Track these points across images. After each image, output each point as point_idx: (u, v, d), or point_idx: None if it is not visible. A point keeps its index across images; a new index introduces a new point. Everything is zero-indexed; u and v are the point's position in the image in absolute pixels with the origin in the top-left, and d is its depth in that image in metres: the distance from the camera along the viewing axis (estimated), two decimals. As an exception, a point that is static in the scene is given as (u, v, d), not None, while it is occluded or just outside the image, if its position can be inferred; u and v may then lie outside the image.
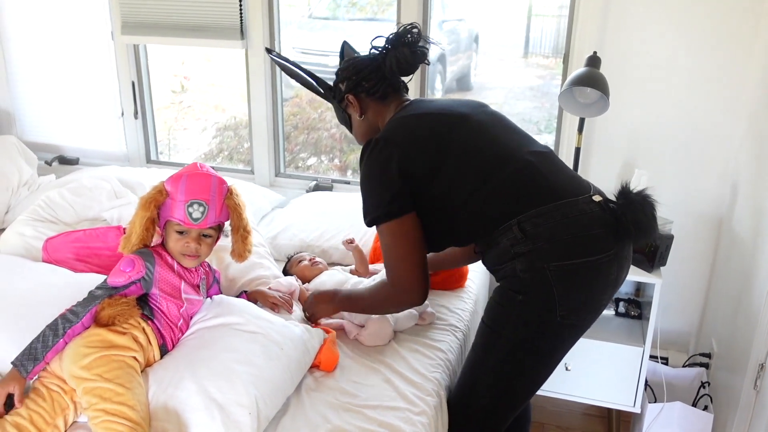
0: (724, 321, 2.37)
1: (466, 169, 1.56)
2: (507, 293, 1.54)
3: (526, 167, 1.55)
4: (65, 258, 2.20)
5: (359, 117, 1.74)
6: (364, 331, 1.92)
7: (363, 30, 4.12)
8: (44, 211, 2.45)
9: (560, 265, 1.47)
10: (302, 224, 2.56)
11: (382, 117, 1.72)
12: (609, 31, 2.46)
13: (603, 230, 1.49)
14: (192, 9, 2.92)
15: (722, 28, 2.35)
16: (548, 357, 1.60)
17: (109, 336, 1.55)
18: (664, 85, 2.47)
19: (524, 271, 1.49)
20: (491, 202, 1.54)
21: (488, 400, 1.64)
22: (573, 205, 1.50)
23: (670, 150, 2.53)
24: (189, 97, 3.86)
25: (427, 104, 1.69)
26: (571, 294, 1.49)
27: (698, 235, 2.59)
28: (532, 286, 1.49)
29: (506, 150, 1.58)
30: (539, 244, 1.47)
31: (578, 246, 1.48)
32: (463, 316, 2.13)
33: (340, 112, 1.80)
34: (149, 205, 1.67)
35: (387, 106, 1.72)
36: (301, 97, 3.55)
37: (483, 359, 1.62)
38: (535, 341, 1.55)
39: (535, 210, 1.49)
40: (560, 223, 1.48)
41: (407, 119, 1.64)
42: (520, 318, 1.53)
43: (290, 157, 3.38)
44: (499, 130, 1.63)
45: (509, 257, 1.51)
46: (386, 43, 1.69)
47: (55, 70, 3.31)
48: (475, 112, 1.66)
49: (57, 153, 3.45)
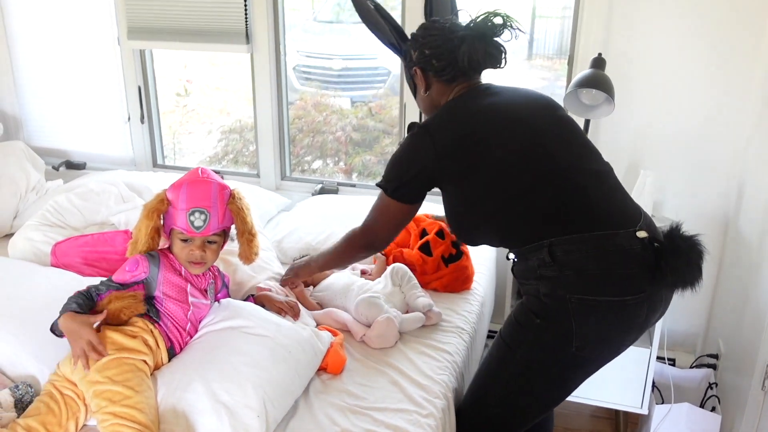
0: (731, 322, 2.37)
1: (501, 180, 1.49)
2: (527, 313, 1.52)
3: (571, 188, 1.46)
4: (73, 262, 2.21)
5: (423, 92, 1.70)
6: (370, 333, 1.92)
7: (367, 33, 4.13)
8: (52, 215, 2.47)
9: (582, 299, 1.41)
10: (308, 227, 2.56)
11: (444, 98, 1.66)
12: (614, 33, 2.46)
13: (639, 270, 1.41)
14: (197, 14, 2.94)
15: (727, 29, 2.34)
16: (560, 382, 1.56)
17: (120, 339, 1.56)
18: (669, 86, 2.46)
19: (546, 296, 1.46)
20: (524, 218, 1.48)
21: (498, 410, 1.64)
22: (610, 238, 1.41)
23: (676, 151, 2.53)
24: (193, 101, 3.87)
25: (488, 98, 1.58)
26: (589, 328, 1.44)
27: (705, 236, 2.55)
28: (552, 313, 1.46)
29: (554, 166, 1.48)
30: (566, 273, 1.42)
31: (605, 283, 1.41)
32: (469, 318, 2.13)
33: (409, 77, 1.75)
34: (152, 214, 1.68)
35: (453, 88, 1.65)
36: (306, 100, 3.56)
37: (495, 372, 1.62)
38: (547, 366, 1.52)
39: (569, 236, 1.41)
40: (592, 255, 1.40)
41: (458, 113, 1.58)
42: (536, 341, 1.50)
43: (296, 161, 3.39)
44: (555, 142, 1.51)
45: (534, 277, 1.48)
46: (464, 30, 1.59)
47: (61, 75, 3.33)
48: (537, 115, 1.56)
49: (64, 158, 3.47)
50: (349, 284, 2.10)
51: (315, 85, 3.69)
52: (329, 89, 3.59)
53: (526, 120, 1.53)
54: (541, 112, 1.58)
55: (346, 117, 3.49)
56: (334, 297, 2.09)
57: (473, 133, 1.53)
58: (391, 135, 3.32)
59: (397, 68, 2.88)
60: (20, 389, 1.58)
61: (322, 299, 2.12)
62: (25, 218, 2.67)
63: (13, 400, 1.54)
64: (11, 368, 1.68)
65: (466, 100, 1.60)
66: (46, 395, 1.54)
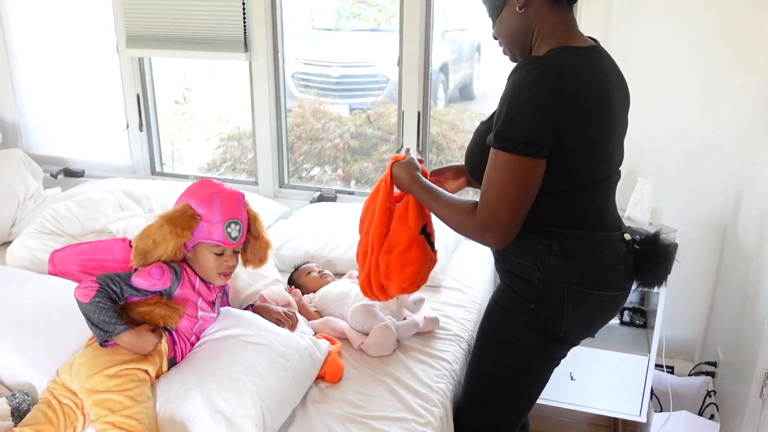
0: (730, 329, 2.37)
1: (581, 166, 1.40)
2: (516, 299, 1.53)
3: (605, 187, 1.48)
4: (71, 270, 2.20)
5: (518, 9, 1.40)
6: (368, 341, 1.92)
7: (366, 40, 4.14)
8: (50, 223, 2.47)
9: (578, 290, 1.47)
10: (306, 235, 2.57)
11: (545, 24, 1.40)
12: (611, 41, 2.47)
13: (624, 269, 1.51)
14: (196, 22, 2.95)
15: (724, 38, 2.35)
16: (551, 364, 1.61)
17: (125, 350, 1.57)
18: (666, 94, 2.47)
19: (542, 282, 1.48)
20: (563, 205, 1.44)
21: (500, 409, 1.64)
22: (609, 240, 1.49)
23: (673, 158, 2.53)
24: (192, 108, 3.88)
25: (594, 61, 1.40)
26: (579, 317, 1.50)
27: (703, 243, 2.59)
28: (546, 299, 1.48)
29: (614, 159, 1.48)
30: (569, 264, 1.45)
31: (602, 279, 1.48)
32: (467, 326, 2.13)
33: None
34: (184, 232, 1.62)
35: (555, 14, 1.40)
36: (304, 108, 3.57)
37: (492, 369, 1.62)
38: (542, 349, 1.56)
39: (581, 232, 1.45)
40: (595, 253, 1.46)
41: (584, 70, 1.36)
42: (530, 326, 1.52)
43: (294, 167, 3.40)
44: (620, 132, 1.49)
45: (533, 260, 1.47)
46: None
47: (60, 83, 3.34)
48: (620, 102, 1.47)
49: (62, 165, 3.47)
50: (345, 292, 2.10)
51: (313, 92, 3.70)
52: (328, 96, 3.60)
53: (614, 107, 1.43)
54: (624, 104, 1.51)
55: (344, 124, 3.50)
56: (331, 305, 2.09)
57: (600, 94, 1.37)
58: (388, 142, 3.32)
59: (395, 76, 2.88)
60: (17, 398, 1.58)
61: (320, 307, 2.12)
62: (23, 226, 2.66)
63: (10, 408, 1.54)
64: (8, 376, 1.68)
65: (591, 58, 1.39)
66: (44, 404, 1.53)
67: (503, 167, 1.33)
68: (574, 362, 2.39)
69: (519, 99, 1.31)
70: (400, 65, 2.81)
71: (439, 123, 3.11)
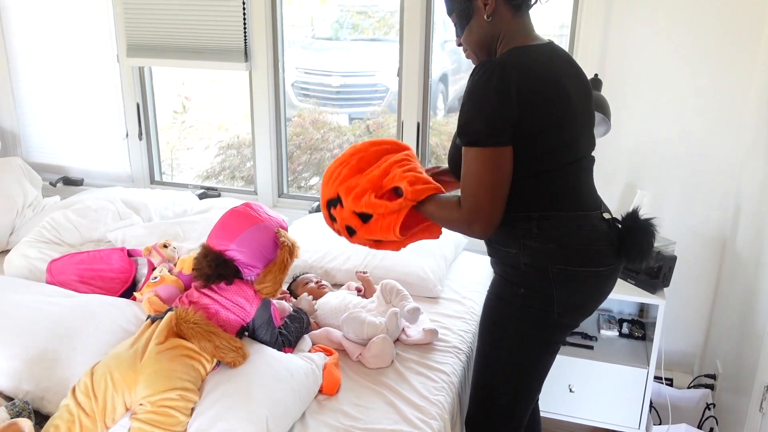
0: (729, 342, 2.36)
1: (544, 148, 1.48)
2: (508, 286, 1.58)
3: (576, 169, 1.55)
4: (69, 280, 2.20)
5: (486, 18, 1.52)
6: (366, 353, 1.92)
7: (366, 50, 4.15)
8: (49, 232, 2.47)
9: (563, 269, 1.51)
10: (305, 245, 2.56)
11: (508, 29, 1.53)
12: (610, 53, 2.48)
13: (606, 246, 1.55)
14: (197, 32, 2.95)
15: (723, 50, 2.36)
16: (552, 347, 1.63)
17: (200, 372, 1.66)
18: (665, 107, 2.48)
19: (527, 265, 1.52)
20: (536, 188, 1.50)
21: (509, 396, 1.65)
22: (587, 219, 1.55)
23: (672, 171, 2.54)
24: (191, 117, 3.88)
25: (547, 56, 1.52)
26: (568, 296, 1.54)
27: (702, 256, 2.59)
28: (534, 281, 1.53)
29: (580, 143, 1.54)
30: (549, 245, 1.51)
31: (584, 256, 1.52)
32: (465, 338, 2.12)
33: (461, 4, 1.55)
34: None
35: (515, 19, 1.53)
36: (303, 117, 3.57)
37: (495, 357, 1.63)
38: (538, 332, 1.58)
39: (557, 213, 1.51)
40: (574, 232, 1.52)
41: (533, 63, 1.46)
42: (524, 310, 1.56)
43: (293, 177, 3.40)
44: (583, 118, 1.56)
45: (517, 246, 1.53)
46: None
47: (60, 92, 3.34)
48: (577, 90, 1.55)
49: (62, 174, 3.47)
50: (344, 303, 2.10)
51: (313, 101, 3.71)
52: (327, 106, 3.61)
53: (577, 97, 1.53)
54: (584, 93, 1.59)
55: (344, 134, 3.50)
56: (329, 316, 2.09)
57: (553, 82, 1.47)
58: (388, 153, 3.32)
59: (395, 85, 2.88)
60: (17, 406, 1.58)
61: (318, 318, 2.11)
62: (21, 235, 2.66)
63: (10, 417, 1.54)
64: (7, 385, 1.69)
65: (539, 53, 1.50)
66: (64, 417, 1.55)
67: (474, 161, 1.45)
68: (573, 374, 2.38)
69: (473, 99, 1.44)
70: (399, 76, 2.82)
71: (439, 133, 3.11)
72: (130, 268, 2.27)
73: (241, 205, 1.89)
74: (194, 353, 1.65)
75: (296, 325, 1.93)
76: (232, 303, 1.78)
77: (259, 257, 1.81)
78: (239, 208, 1.87)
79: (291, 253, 1.83)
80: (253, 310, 1.79)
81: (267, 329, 1.81)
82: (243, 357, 1.68)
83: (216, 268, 1.78)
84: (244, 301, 1.79)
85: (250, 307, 1.79)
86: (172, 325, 1.68)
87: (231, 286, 1.80)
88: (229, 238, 1.80)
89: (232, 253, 1.80)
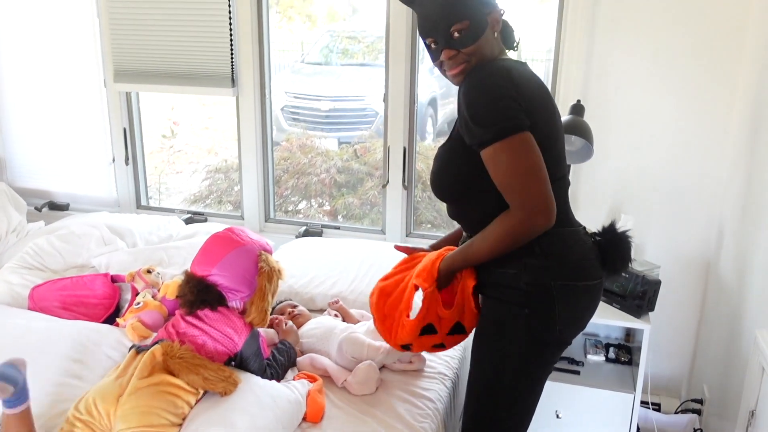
0: (715, 366, 2.36)
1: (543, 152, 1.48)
2: (509, 310, 1.55)
3: (563, 185, 1.59)
4: (51, 306, 2.18)
5: (494, 34, 1.54)
6: (351, 379, 1.90)
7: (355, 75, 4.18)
8: (32, 258, 2.45)
9: (564, 284, 1.52)
10: (291, 270, 2.54)
11: (500, 49, 1.58)
12: (593, 79, 2.51)
13: (595, 259, 1.59)
14: (184, 57, 2.97)
15: (703, 77, 2.40)
16: (551, 366, 1.64)
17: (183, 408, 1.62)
18: (648, 132, 2.50)
19: (529, 285, 1.52)
20: None
21: (514, 420, 1.64)
22: (577, 233, 1.59)
23: (656, 195, 2.56)
24: (180, 141, 3.89)
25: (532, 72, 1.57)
26: (569, 311, 1.55)
27: (686, 280, 2.60)
28: (537, 300, 1.53)
29: (562, 160, 1.59)
30: (551, 262, 1.52)
31: (582, 269, 1.55)
32: (452, 364, 2.11)
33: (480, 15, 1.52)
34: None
35: (502, 45, 1.59)
36: (291, 142, 3.58)
37: (496, 384, 1.61)
38: (540, 351, 1.58)
39: (554, 229, 1.49)
40: (570, 246, 1.55)
41: (525, 74, 1.50)
42: (526, 331, 1.54)
43: (280, 201, 3.40)
44: (562, 137, 1.60)
45: (516, 266, 1.52)
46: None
47: (47, 116, 3.34)
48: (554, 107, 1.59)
49: (47, 198, 3.45)
50: (331, 328, 2.08)
51: (303, 125, 3.72)
52: (317, 130, 3.62)
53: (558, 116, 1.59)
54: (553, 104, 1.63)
55: (331, 159, 3.51)
56: (316, 342, 2.07)
57: (546, 94, 1.52)
58: (373, 178, 3.33)
59: (383, 110, 2.90)
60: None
61: (303, 344, 2.10)
62: (4, 260, 2.64)
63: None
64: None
65: (526, 68, 1.54)
66: None
67: (503, 155, 1.41)
68: (560, 400, 2.37)
69: (481, 95, 1.42)
70: (385, 101, 2.84)
71: (425, 158, 3.13)
72: (114, 294, 2.26)
73: (223, 230, 1.89)
74: (177, 389, 1.62)
75: (283, 358, 1.91)
76: (220, 334, 1.76)
77: (242, 281, 1.80)
78: (221, 233, 1.87)
79: (270, 278, 1.82)
80: (242, 341, 1.78)
81: (255, 360, 1.79)
82: (234, 385, 1.66)
83: (198, 293, 1.77)
84: (232, 331, 1.77)
85: (238, 338, 1.77)
86: (157, 360, 1.66)
87: (219, 316, 1.78)
88: (211, 263, 1.79)
89: (215, 278, 1.79)
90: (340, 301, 2.29)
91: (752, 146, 2.19)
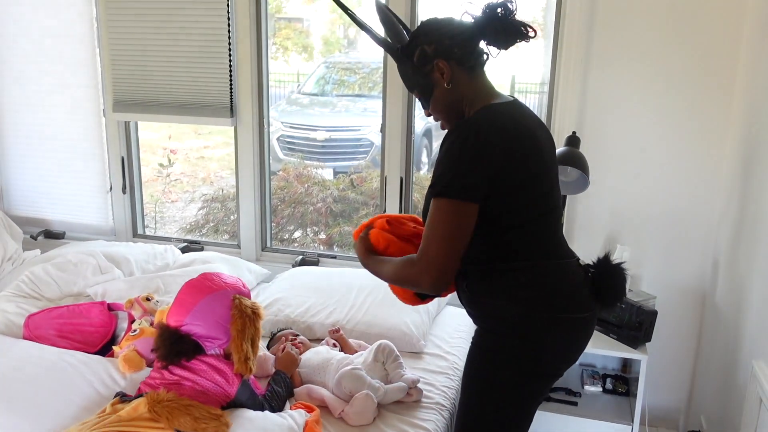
0: (713, 397, 2.36)
1: (525, 199, 1.52)
2: (498, 340, 1.55)
3: (554, 218, 1.60)
4: (47, 335, 2.17)
5: (446, 85, 1.57)
6: (349, 410, 1.89)
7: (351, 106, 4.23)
8: (27, 286, 2.44)
9: (554, 316, 1.52)
10: (288, 299, 2.55)
11: (469, 91, 1.58)
12: (588, 111, 2.54)
13: (587, 291, 1.58)
14: (183, 88, 3.00)
15: (698, 107, 2.43)
16: (539, 398, 1.63)
17: None
18: (643, 163, 2.53)
19: (519, 315, 1.52)
20: (521, 238, 1.53)
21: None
22: (568, 266, 1.59)
23: (651, 226, 2.57)
24: (177, 170, 3.90)
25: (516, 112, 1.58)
26: (558, 344, 1.55)
27: (683, 310, 2.60)
28: (525, 331, 1.52)
29: (554, 193, 1.60)
30: (539, 293, 1.52)
31: (571, 302, 1.54)
32: (449, 394, 2.10)
33: (418, 77, 1.60)
34: None
35: (473, 80, 1.58)
36: (288, 172, 3.60)
37: (480, 411, 1.60)
38: (527, 382, 1.57)
39: (544, 262, 1.53)
40: (558, 279, 1.55)
41: (507, 120, 1.52)
42: (513, 361, 1.54)
43: (276, 229, 3.40)
44: (554, 169, 1.63)
45: (504, 297, 1.53)
46: (480, 15, 1.54)
47: (45, 145, 3.35)
48: (550, 147, 1.63)
49: (43, 227, 3.44)
50: (328, 359, 2.07)
51: (298, 155, 3.75)
52: (313, 159, 3.65)
53: (547, 150, 1.61)
54: (551, 146, 1.66)
55: (327, 188, 3.53)
56: (313, 373, 2.06)
57: (528, 136, 1.53)
58: (368, 206, 3.35)
59: (379, 140, 2.93)
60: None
61: (301, 374, 2.08)
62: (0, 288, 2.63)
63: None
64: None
65: (507, 110, 1.56)
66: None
67: (437, 211, 1.46)
68: (558, 431, 2.35)
69: (449, 157, 1.47)
70: (383, 132, 2.87)
71: (422, 188, 3.15)
72: (111, 322, 2.25)
73: (198, 276, 1.86)
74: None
75: (281, 389, 1.90)
76: (211, 383, 1.73)
77: (217, 327, 1.77)
78: (195, 280, 1.85)
79: (243, 322, 1.76)
80: (234, 388, 1.75)
81: (253, 403, 1.78)
82: (226, 425, 1.63)
83: (172, 345, 1.74)
84: (222, 380, 1.74)
85: (229, 387, 1.75)
86: (139, 411, 1.62)
87: (206, 366, 1.75)
88: (184, 312, 1.77)
89: (188, 328, 1.76)
90: (340, 330, 2.28)
91: (746, 176, 2.21)
